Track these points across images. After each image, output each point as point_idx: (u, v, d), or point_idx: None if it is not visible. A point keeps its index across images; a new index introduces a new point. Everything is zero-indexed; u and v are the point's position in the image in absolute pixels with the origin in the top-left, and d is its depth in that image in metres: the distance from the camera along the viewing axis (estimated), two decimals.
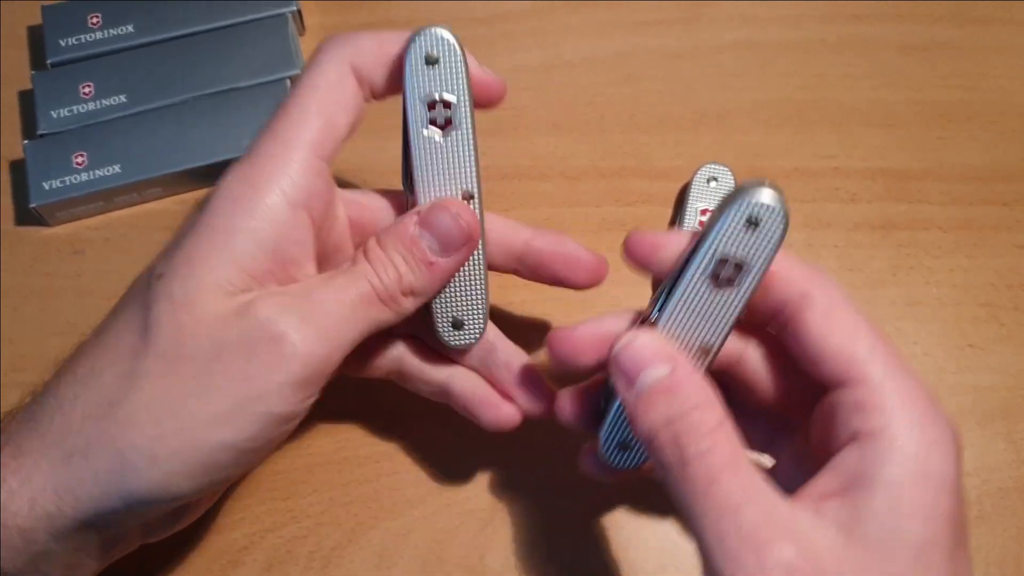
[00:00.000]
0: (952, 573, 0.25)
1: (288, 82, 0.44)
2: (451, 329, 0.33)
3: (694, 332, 0.28)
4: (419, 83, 0.30)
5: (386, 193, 0.34)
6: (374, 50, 0.30)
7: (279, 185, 0.28)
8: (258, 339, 0.27)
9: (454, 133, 0.30)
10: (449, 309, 0.33)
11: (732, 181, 0.42)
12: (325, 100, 0.29)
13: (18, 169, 0.44)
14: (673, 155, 0.45)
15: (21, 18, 0.48)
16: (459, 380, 0.35)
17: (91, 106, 0.43)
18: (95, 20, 0.45)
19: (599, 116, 0.46)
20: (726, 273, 0.27)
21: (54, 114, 0.43)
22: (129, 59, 0.44)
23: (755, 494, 0.25)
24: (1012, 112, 0.45)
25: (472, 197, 0.31)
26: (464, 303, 0.33)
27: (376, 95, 0.31)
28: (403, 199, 0.33)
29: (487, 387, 0.34)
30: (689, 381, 0.27)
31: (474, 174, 0.31)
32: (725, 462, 0.25)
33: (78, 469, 0.27)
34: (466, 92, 0.30)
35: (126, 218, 0.44)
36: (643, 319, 0.29)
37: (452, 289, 0.33)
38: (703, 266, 0.27)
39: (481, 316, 0.33)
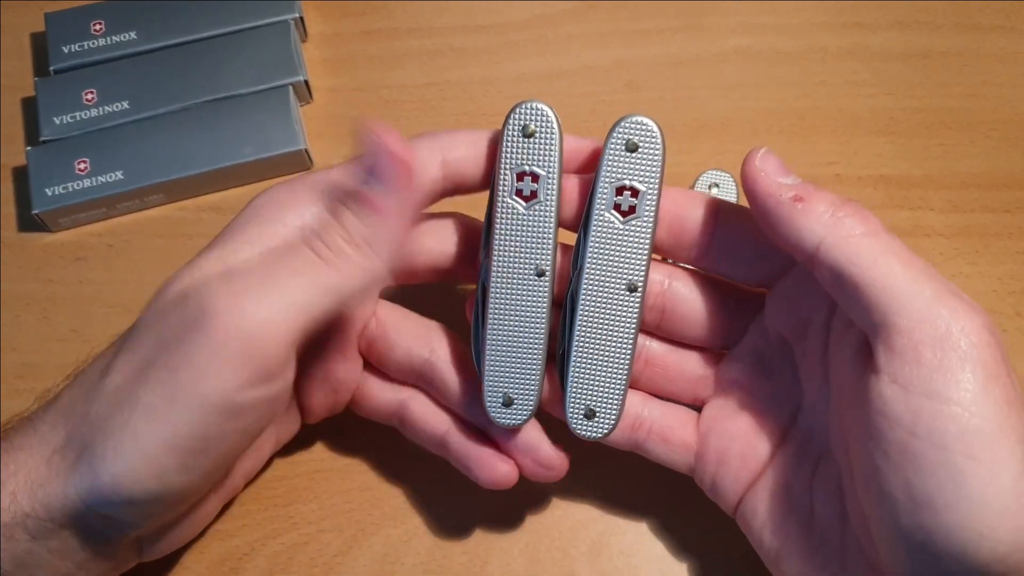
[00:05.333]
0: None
1: (291, 89, 0.44)
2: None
3: (615, 268, 0.31)
4: (513, 153, 0.30)
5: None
6: (466, 148, 0.31)
7: (300, 215, 0.29)
8: (192, 317, 0.27)
9: (537, 207, 0.30)
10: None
11: (734, 187, 0.42)
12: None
13: (21, 175, 0.44)
14: (674, 163, 0.44)
15: (24, 25, 0.48)
16: (455, 435, 0.34)
17: (94, 112, 0.44)
18: (98, 27, 0.45)
19: (601, 124, 0.45)
20: (627, 203, 0.30)
21: (57, 120, 0.43)
22: (132, 66, 0.45)
23: None
24: (1014, 120, 0.45)
25: (544, 274, 0.31)
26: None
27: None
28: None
29: (484, 444, 0.33)
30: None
31: (550, 249, 0.31)
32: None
33: (53, 465, 0.27)
34: (556, 168, 0.30)
35: (129, 224, 0.44)
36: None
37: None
38: (604, 200, 0.30)
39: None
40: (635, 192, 0.30)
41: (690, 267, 0.33)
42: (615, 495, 0.38)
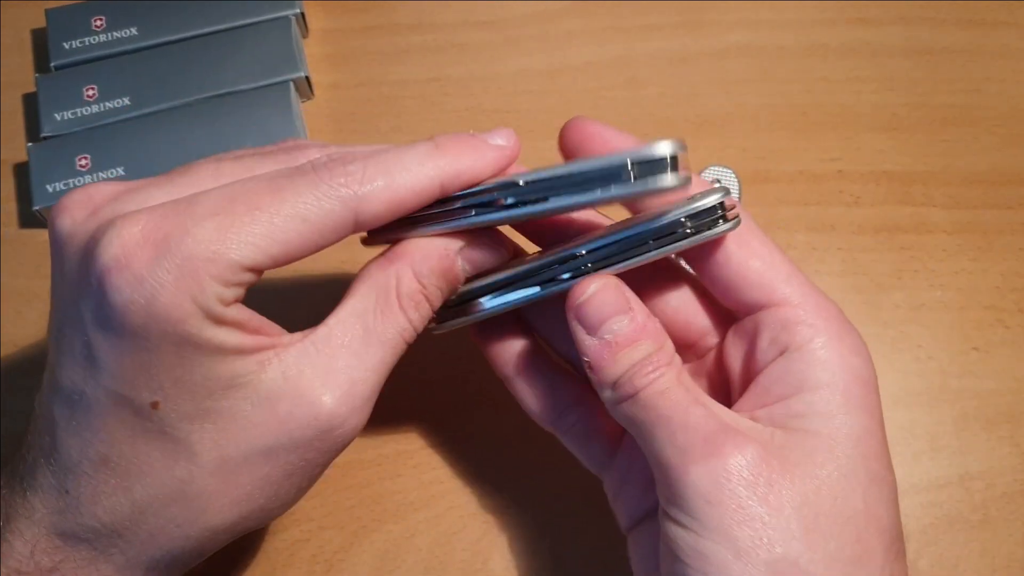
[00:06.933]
0: (888, 460, 0.27)
1: (292, 85, 0.44)
2: None
3: None
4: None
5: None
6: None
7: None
8: (308, 438, 0.27)
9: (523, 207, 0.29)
10: None
11: (736, 183, 0.42)
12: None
13: (22, 172, 0.44)
14: None
15: (25, 21, 0.48)
16: None
17: (95, 109, 0.43)
18: (99, 23, 0.45)
19: (602, 120, 0.46)
20: None
21: (58, 116, 0.43)
22: (133, 62, 0.45)
23: (705, 405, 0.27)
24: (1017, 116, 0.45)
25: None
26: None
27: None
28: None
29: None
30: (646, 326, 0.27)
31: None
32: (674, 382, 0.27)
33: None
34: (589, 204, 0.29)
35: None
36: None
37: None
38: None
39: None
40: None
41: None
42: None
